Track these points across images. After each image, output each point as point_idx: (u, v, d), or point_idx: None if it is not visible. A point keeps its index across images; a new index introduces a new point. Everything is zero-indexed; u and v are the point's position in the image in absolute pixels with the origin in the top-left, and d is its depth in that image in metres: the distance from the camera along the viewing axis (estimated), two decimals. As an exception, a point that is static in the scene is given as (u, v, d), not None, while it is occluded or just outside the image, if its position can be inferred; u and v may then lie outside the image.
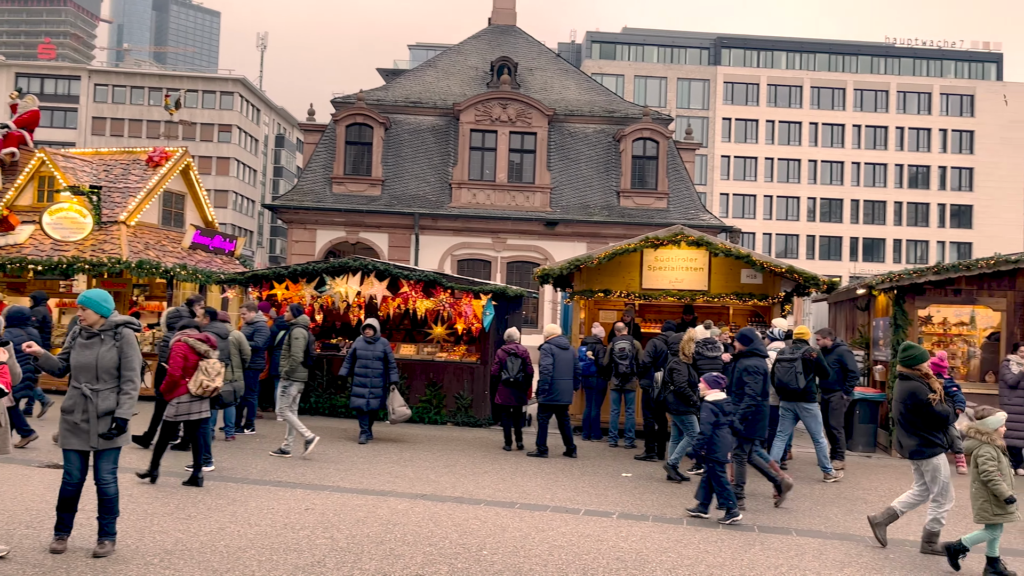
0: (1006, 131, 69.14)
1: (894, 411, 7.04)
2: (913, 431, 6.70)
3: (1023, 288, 11.85)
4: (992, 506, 5.95)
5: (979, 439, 6.13)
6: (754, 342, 8.09)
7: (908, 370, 6.81)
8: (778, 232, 68.92)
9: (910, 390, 6.69)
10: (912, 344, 6.99)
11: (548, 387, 10.57)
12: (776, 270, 12.26)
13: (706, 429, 7.43)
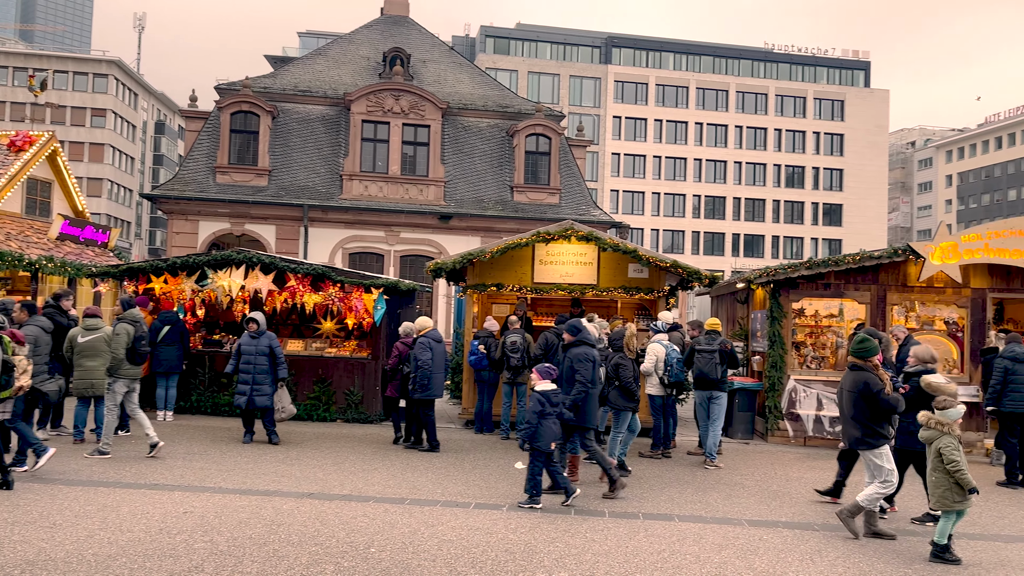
0: (872, 135, 73.93)
1: (843, 401, 7.20)
2: (859, 422, 6.95)
3: (885, 282, 12.68)
4: (953, 494, 6.23)
5: (940, 430, 6.40)
6: (582, 332, 8.30)
7: (861, 361, 7.04)
8: (665, 228, 71.20)
9: (863, 380, 6.93)
10: (867, 337, 7.21)
11: (428, 382, 10.39)
12: (661, 265, 12.64)
13: (532, 419, 7.51)
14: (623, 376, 9.15)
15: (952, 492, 6.24)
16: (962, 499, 6.23)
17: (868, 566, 6.09)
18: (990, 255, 12.18)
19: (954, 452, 6.26)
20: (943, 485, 6.28)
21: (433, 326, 10.95)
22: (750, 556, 6.23)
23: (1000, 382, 10.09)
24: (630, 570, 5.76)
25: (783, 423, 12.50)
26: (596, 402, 8.30)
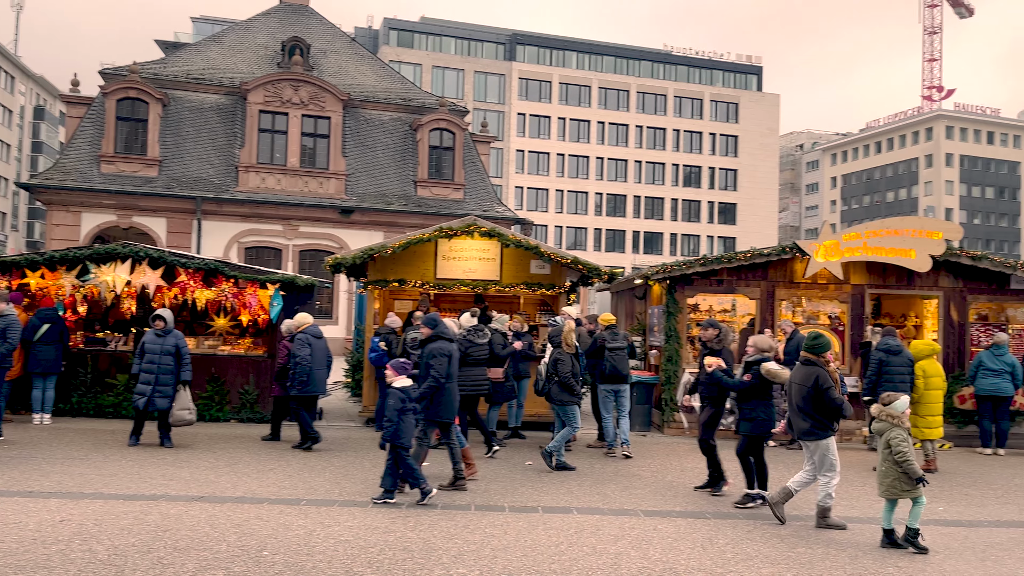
0: (764, 137, 77.14)
1: (793, 394, 7.39)
2: (808, 414, 7.18)
3: (774, 279, 13.23)
4: (902, 483, 6.51)
5: (890, 422, 6.69)
6: (439, 326, 8.21)
7: (814, 357, 7.29)
8: (569, 225, 72.24)
9: (815, 375, 7.16)
10: (820, 334, 7.51)
11: (307, 378, 10.16)
12: (563, 261, 12.79)
13: (392, 415, 7.38)
14: (562, 371, 9.33)
15: (900, 481, 6.54)
16: (911, 488, 6.51)
17: (755, 550, 6.33)
18: (868, 253, 12.89)
19: (902, 444, 6.55)
20: (892, 475, 6.58)
21: (312, 322, 10.69)
22: (644, 546, 6.38)
23: (876, 373, 10.69)
24: (528, 564, 5.80)
25: (678, 415, 12.87)
26: (452, 396, 8.12)
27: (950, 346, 13.14)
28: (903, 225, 13.11)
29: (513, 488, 8.33)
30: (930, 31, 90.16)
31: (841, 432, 12.89)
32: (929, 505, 8.30)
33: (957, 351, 13.18)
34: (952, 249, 12.98)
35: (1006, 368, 12.01)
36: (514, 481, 8.69)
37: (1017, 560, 6.35)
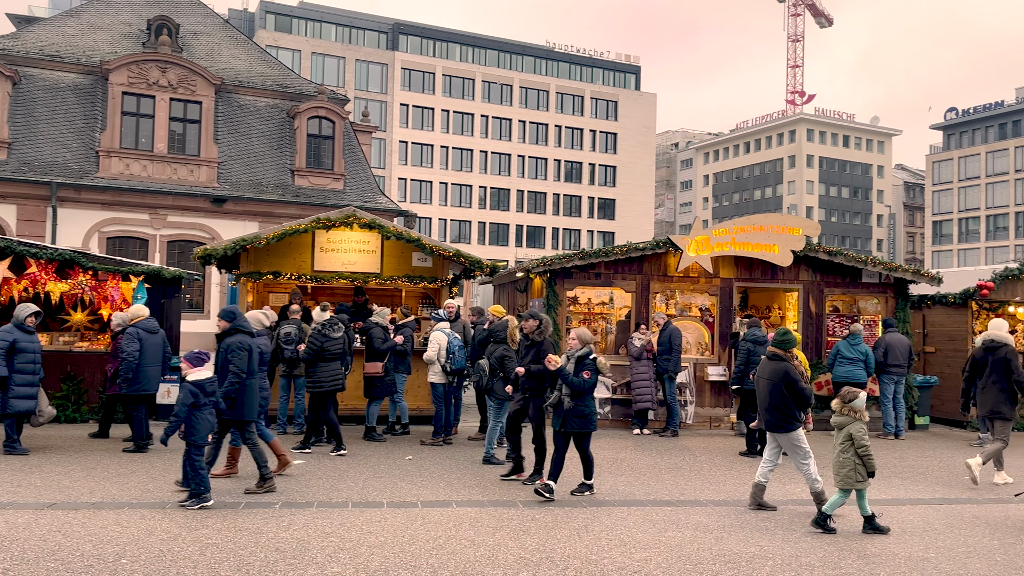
0: (642, 136, 79.58)
1: (761, 389, 7.68)
2: (778, 408, 7.46)
3: (649, 272, 13.65)
4: (856, 474, 6.83)
5: (852, 416, 6.99)
6: (237, 319, 7.79)
7: (782, 352, 7.57)
8: (453, 218, 72.12)
9: (784, 369, 7.47)
10: (787, 330, 7.77)
11: (133, 375, 9.58)
12: (444, 254, 12.72)
13: (181, 410, 6.98)
14: (508, 368, 9.25)
15: (856, 472, 6.86)
16: (863, 480, 6.87)
17: (628, 536, 6.51)
18: (736, 248, 13.51)
19: (865, 437, 6.90)
20: (848, 465, 6.88)
21: (148, 315, 10.13)
22: (522, 536, 6.43)
23: (744, 362, 11.20)
24: (405, 560, 5.73)
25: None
26: (254, 393, 7.74)
27: (809, 336, 13.95)
28: (767, 222, 13.81)
29: (392, 484, 8.22)
30: (793, 39, 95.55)
31: (710, 419, 13.50)
32: (787, 486, 8.81)
33: (815, 340, 14.02)
34: (811, 245, 13.78)
35: (860, 357, 12.88)
36: (393, 477, 8.58)
37: (866, 539, 6.81)
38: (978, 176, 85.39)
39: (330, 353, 9.92)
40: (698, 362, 13.61)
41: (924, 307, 15.09)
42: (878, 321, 14.34)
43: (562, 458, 7.86)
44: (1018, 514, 7.75)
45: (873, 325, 14.43)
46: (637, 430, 12.57)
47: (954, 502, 8.22)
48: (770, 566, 5.82)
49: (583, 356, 7.86)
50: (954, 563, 6.04)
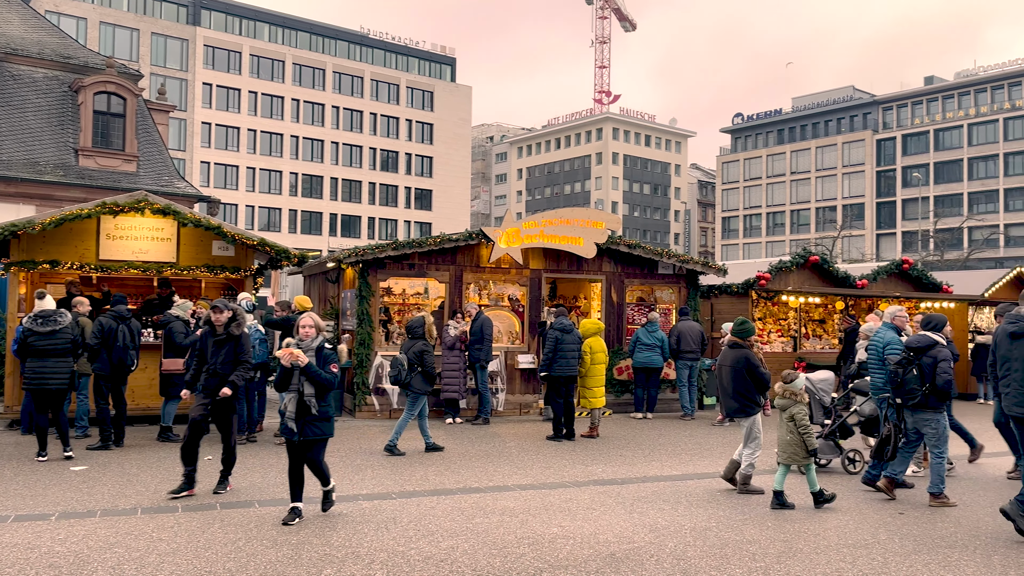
0: (458, 127, 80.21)
1: (723, 376, 8.01)
2: (739, 393, 7.86)
3: (462, 263, 13.79)
4: (800, 452, 7.35)
5: (793, 399, 7.46)
6: None
7: (741, 340, 7.95)
8: (262, 205, 69.07)
9: (744, 356, 7.86)
10: (745, 319, 8.13)
11: None
12: (248, 243, 12.13)
13: None
14: (427, 362, 9.61)
15: (800, 450, 7.37)
16: (805, 456, 7.37)
17: (436, 525, 6.54)
18: (544, 240, 13.96)
19: (805, 418, 7.41)
20: (795, 444, 7.39)
21: None
22: (328, 532, 6.28)
23: (552, 350, 11.55)
24: (202, 566, 5.40)
25: (370, 398, 12.92)
26: None
27: (611, 324, 14.72)
28: (573, 216, 14.38)
29: (189, 486, 7.72)
30: (600, 40, 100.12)
31: (520, 405, 13.89)
32: (589, 467, 9.24)
33: (617, 328, 14.81)
34: (613, 238, 14.53)
35: (657, 343, 13.77)
36: (190, 478, 8.06)
37: (657, 510, 7.29)
38: (760, 177, 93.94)
39: (37, 349, 8.77)
40: (509, 351, 13.94)
41: (712, 296, 16.37)
42: (672, 309, 15.41)
43: (301, 473, 6.66)
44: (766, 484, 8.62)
45: (668, 313, 15.47)
46: (449, 419, 12.67)
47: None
48: (571, 544, 6.08)
49: (321, 346, 6.60)
50: (732, 530, 6.61)
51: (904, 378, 7.57)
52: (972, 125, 77.25)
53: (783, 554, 5.94)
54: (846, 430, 9.21)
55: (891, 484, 7.90)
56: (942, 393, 7.49)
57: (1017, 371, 6.62)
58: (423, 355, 9.67)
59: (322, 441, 6.68)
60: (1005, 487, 8.55)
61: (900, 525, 6.87)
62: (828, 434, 9.09)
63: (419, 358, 9.66)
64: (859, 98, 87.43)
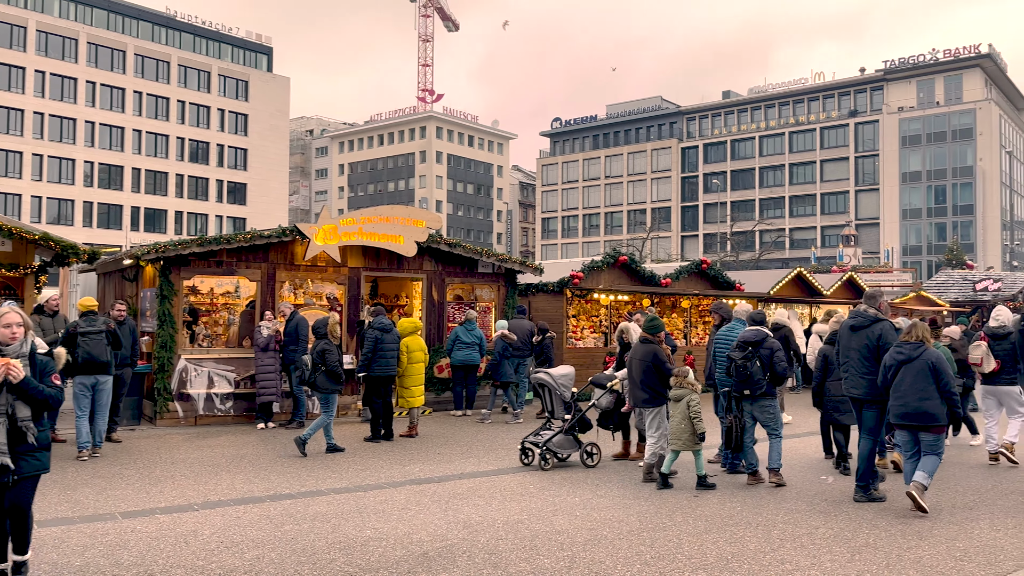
0: (275, 119, 77.18)
1: (634, 370, 8.56)
2: (648, 386, 8.41)
3: (275, 261, 13.25)
4: (693, 438, 7.98)
5: (690, 388, 8.08)
6: None
7: (651, 336, 8.52)
8: (50, 196, 62.98)
9: (652, 352, 8.43)
10: (655, 316, 8.73)
11: None
12: (28, 236, 11.01)
13: None
14: (330, 361, 9.94)
15: (693, 437, 8.01)
16: (695, 442, 8.02)
17: (242, 535, 6.24)
18: (363, 238, 13.72)
19: (698, 405, 8.03)
20: (688, 431, 8.00)
21: None
22: (118, 551, 5.81)
23: (371, 350, 11.32)
24: (-38, 600, 4.81)
25: (173, 404, 12.12)
26: None
27: (432, 323, 14.72)
28: (393, 213, 14.25)
29: None
30: (424, 38, 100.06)
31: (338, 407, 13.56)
32: (407, 467, 9.20)
33: (438, 327, 14.84)
34: (433, 236, 14.54)
35: (476, 340, 13.91)
36: None
37: (471, 506, 7.37)
38: (577, 180, 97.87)
39: None
40: (326, 351, 13.56)
41: (530, 294, 16.81)
42: (492, 307, 15.67)
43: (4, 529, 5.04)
44: (578, 476, 9.00)
45: (488, 312, 15.72)
46: (261, 424, 12.15)
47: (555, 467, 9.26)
48: (383, 546, 6.00)
49: (33, 352, 5.02)
50: (543, 521, 6.81)
51: (750, 371, 8.22)
52: (763, 137, 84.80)
53: (589, 542, 6.20)
54: (585, 424, 9.49)
55: (774, 472, 8.35)
56: (779, 379, 8.42)
57: (855, 359, 7.74)
58: (325, 354, 10.00)
59: (36, 478, 5.00)
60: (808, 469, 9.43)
61: (694, 507, 7.38)
62: (568, 428, 9.28)
63: (321, 357, 9.99)
64: (666, 108, 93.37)
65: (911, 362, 7.17)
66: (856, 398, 7.80)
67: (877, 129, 77.52)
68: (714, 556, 5.86)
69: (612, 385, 9.54)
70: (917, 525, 6.78)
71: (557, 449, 9.21)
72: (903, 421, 7.22)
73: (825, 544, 6.18)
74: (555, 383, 9.55)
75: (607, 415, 9.58)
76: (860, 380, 7.69)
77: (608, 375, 9.84)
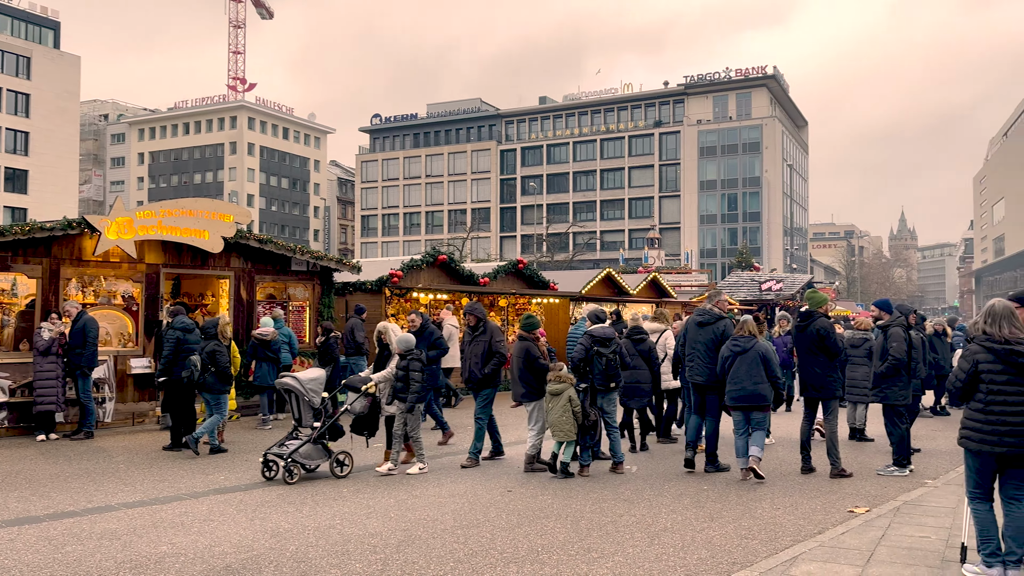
0: (63, 100, 70.30)
1: (514, 366, 9.04)
2: (525, 381, 8.91)
3: (59, 256, 12.05)
4: (573, 429, 8.53)
5: (569, 383, 8.62)
6: None
7: (527, 334, 9.05)
8: None
9: (526, 348, 8.94)
10: (531, 315, 9.22)
11: None
12: None
13: None
14: (221, 362, 10.03)
15: (572, 427, 8.52)
16: (575, 433, 8.57)
17: (14, 560, 5.59)
18: (163, 232, 12.80)
19: (576, 399, 8.60)
20: (569, 423, 8.49)
21: None
22: None
23: (172, 352, 10.51)
24: None
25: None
26: None
27: (239, 322, 13.99)
28: (198, 207, 13.41)
29: None
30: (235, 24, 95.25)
31: (134, 415, 12.59)
32: (210, 476, 8.67)
33: (246, 327, 14.12)
34: (242, 232, 13.83)
35: (284, 339, 13.37)
36: None
37: (280, 513, 7.07)
38: (398, 178, 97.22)
39: None
40: (120, 354, 12.54)
41: (348, 293, 16.45)
42: (307, 307, 15.17)
43: None
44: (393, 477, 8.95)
45: (303, 311, 15.19)
46: (42, 436, 10.99)
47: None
48: (181, 562, 5.61)
49: None
50: (356, 525, 6.65)
51: (610, 363, 8.80)
52: (577, 143, 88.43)
53: (403, 543, 6.13)
54: (336, 431, 8.87)
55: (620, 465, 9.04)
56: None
57: (701, 351, 8.98)
58: (215, 355, 10.01)
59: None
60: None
61: (508, 502, 7.52)
62: (318, 437, 8.63)
63: (211, 358, 10.00)
64: (486, 110, 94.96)
65: (745, 353, 8.44)
66: (700, 384, 9.01)
67: (679, 139, 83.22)
68: (525, 549, 5.99)
69: (367, 388, 8.91)
70: (709, 508, 7.31)
71: (304, 460, 8.48)
72: (739, 403, 8.43)
73: (628, 531, 6.51)
74: (303, 388, 8.65)
75: (361, 421, 8.98)
76: (705, 369, 8.93)
77: (363, 377, 9.22)
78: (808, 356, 8.76)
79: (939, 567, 5.42)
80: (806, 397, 8.92)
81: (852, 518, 6.88)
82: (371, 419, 9.06)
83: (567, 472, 8.61)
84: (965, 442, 5.19)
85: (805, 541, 6.15)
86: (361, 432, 9.03)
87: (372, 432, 9.13)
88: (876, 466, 9.30)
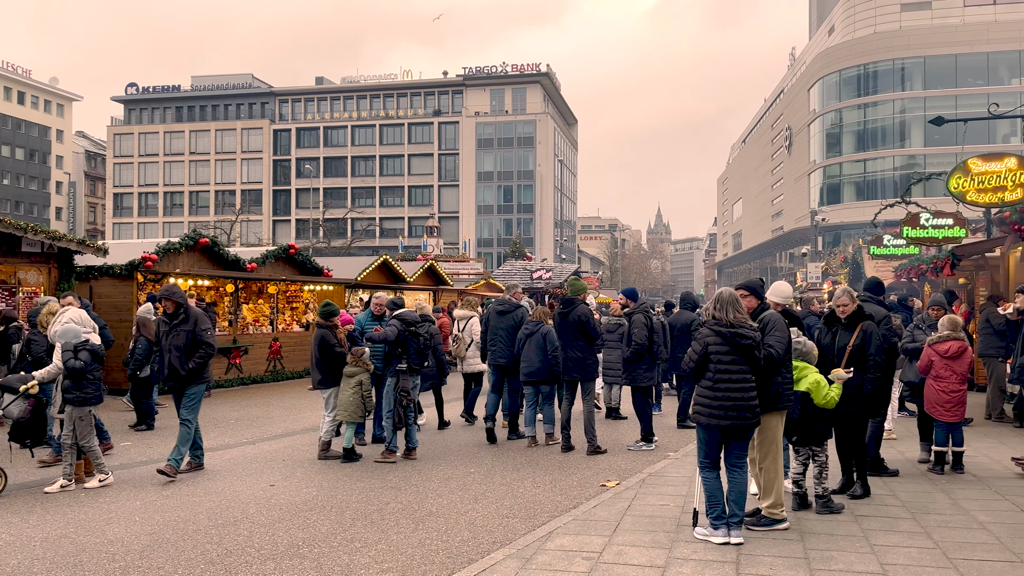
0: None
1: (312, 353, 9.02)
2: (320, 368, 8.92)
3: None
4: (358, 411, 8.75)
5: (362, 367, 8.83)
6: None
7: (324, 321, 9.03)
8: None
9: (322, 336, 8.96)
10: (329, 302, 9.13)
11: None
12: None
13: None
14: (35, 352, 8.91)
15: (361, 410, 8.77)
16: (362, 416, 8.81)
17: None
18: None
19: (370, 384, 8.92)
20: (356, 405, 8.74)
21: None
22: None
23: None
24: None
25: None
26: None
27: (-44, 310, 12.19)
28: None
29: None
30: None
31: None
32: None
33: (-36, 315, 12.33)
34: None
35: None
36: None
37: (3, 524, 6.26)
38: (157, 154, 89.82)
39: None
40: None
41: (92, 278, 14.92)
42: (40, 291, 13.55)
43: None
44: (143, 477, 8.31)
45: (36, 295, 13.56)
46: None
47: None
48: None
49: None
50: (93, 533, 6.04)
51: (424, 344, 9.14)
52: (355, 127, 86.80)
53: (148, 548, 5.66)
54: None
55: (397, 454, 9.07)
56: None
57: (503, 336, 10.12)
58: (31, 344, 9.09)
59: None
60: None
61: (269, 497, 7.21)
62: None
63: (27, 347, 9.12)
64: (258, 87, 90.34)
65: (533, 335, 9.51)
66: (502, 366, 10.19)
67: (457, 130, 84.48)
68: (285, 544, 5.77)
69: (27, 388, 7.48)
70: (474, 490, 7.49)
71: None
72: (529, 378, 9.50)
73: (393, 518, 6.49)
74: None
75: (21, 427, 7.54)
76: (507, 351, 10.06)
77: (22, 377, 7.64)
78: (570, 340, 9.26)
79: (674, 531, 5.95)
80: (567, 380, 9.41)
81: (604, 492, 7.36)
82: (35, 425, 7.57)
83: (353, 456, 8.80)
84: (696, 417, 5.73)
85: (561, 516, 6.48)
86: (23, 440, 7.58)
87: (37, 440, 7.69)
88: (628, 442, 10.04)
